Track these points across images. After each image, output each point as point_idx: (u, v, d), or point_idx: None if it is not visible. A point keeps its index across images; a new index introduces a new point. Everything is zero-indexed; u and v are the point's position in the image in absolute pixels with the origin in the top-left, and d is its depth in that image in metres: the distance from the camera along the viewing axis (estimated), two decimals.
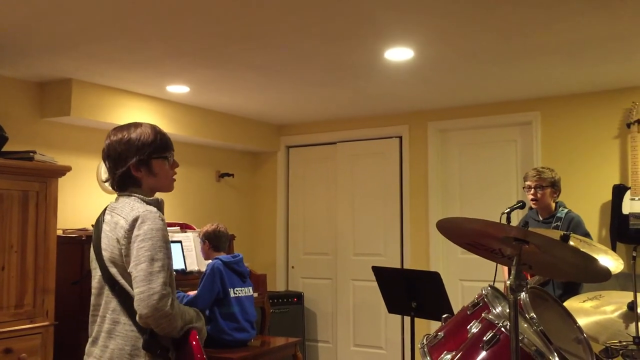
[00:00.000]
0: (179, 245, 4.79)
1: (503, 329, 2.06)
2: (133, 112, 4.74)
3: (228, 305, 4.09)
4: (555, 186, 3.77)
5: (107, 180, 2.14)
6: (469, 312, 2.28)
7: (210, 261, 4.21)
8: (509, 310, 1.92)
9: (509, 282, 1.91)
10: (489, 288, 2.34)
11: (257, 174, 6.55)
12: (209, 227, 4.36)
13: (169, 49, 3.68)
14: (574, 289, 3.51)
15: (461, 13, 3.12)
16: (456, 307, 2.87)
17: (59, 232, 4.07)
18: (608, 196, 4.66)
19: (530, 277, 3.41)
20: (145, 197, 2.07)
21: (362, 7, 3.03)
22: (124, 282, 1.96)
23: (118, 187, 2.09)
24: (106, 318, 1.99)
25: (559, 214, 3.72)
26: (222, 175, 6.07)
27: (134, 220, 1.95)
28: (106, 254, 1.99)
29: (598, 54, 3.83)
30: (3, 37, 3.45)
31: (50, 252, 3.84)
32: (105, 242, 2.00)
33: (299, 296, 5.89)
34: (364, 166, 5.93)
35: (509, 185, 5.25)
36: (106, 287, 2.00)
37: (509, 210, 3.44)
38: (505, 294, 2.28)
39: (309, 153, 6.33)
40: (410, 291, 3.41)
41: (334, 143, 6.13)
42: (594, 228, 4.66)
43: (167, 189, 2.17)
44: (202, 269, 4.56)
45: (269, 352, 4.34)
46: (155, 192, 2.14)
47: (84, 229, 4.27)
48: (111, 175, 2.09)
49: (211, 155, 5.99)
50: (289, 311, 5.75)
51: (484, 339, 2.08)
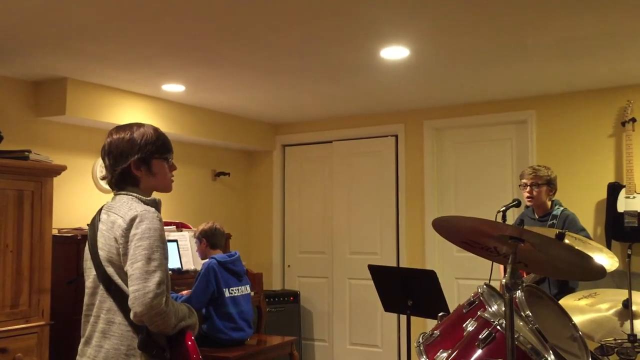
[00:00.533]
0: (175, 244, 4.79)
1: (499, 327, 2.07)
2: (129, 111, 4.73)
3: (224, 304, 4.09)
4: (551, 184, 3.78)
5: (104, 178, 2.13)
6: (464, 311, 2.28)
7: (206, 260, 4.21)
8: (504, 309, 1.92)
9: (504, 280, 1.91)
10: (484, 286, 2.34)
11: (253, 173, 6.54)
12: (204, 225, 4.36)
13: (165, 48, 3.67)
14: (569, 287, 3.52)
15: (456, 12, 3.13)
16: (452, 306, 2.87)
17: (55, 232, 4.06)
18: (603, 194, 4.67)
19: (526, 275, 3.42)
20: (142, 196, 2.06)
21: (358, 6, 3.03)
22: (120, 281, 1.96)
23: (116, 185, 2.09)
24: (100, 318, 1.99)
25: (554, 212, 3.73)
26: (218, 174, 6.06)
27: (132, 220, 1.94)
28: (103, 254, 1.99)
29: (593, 52, 3.84)
30: None
31: (46, 252, 3.83)
32: (101, 242, 2.00)
33: (295, 295, 5.90)
34: (360, 165, 5.94)
35: (505, 183, 5.26)
36: (101, 286, 1.99)
37: (504, 208, 3.44)
38: (501, 292, 2.28)
39: (304, 152, 6.33)
40: (406, 290, 3.41)
41: (330, 142, 6.13)
42: (589, 226, 4.67)
43: (165, 189, 2.18)
44: (199, 268, 4.56)
45: (265, 350, 4.35)
46: (152, 192, 2.14)
47: (79, 229, 4.26)
48: (110, 172, 2.08)
49: (207, 155, 5.98)
50: (285, 310, 5.75)
51: (480, 337, 2.08)
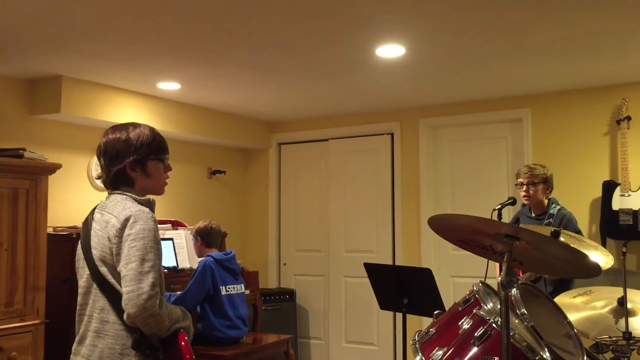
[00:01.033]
0: (170, 242, 4.78)
1: (494, 324, 2.07)
2: (124, 109, 4.72)
3: (219, 302, 4.09)
4: (547, 182, 3.79)
5: (99, 177, 2.13)
6: (460, 309, 2.29)
7: (202, 258, 4.20)
8: (500, 306, 1.92)
9: (500, 278, 1.92)
10: (480, 284, 2.35)
11: (249, 171, 6.54)
12: (201, 223, 4.35)
13: (160, 45, 3.66)
14: (565, 285, 3.53)
15: (452, 10, 3.13)
16: (448, 304, 2.88)
17: (49, 230, 4.05)
18: (598, 192, 4.68)
19: (521, 274, 3.42)
20: (137, 196, 2.06)
21: (354, 4, 3.03)
22: (113, 281, 1.95)
23: (111, 184, 2.08)
24: (93, 317, 1.98)
25: (551, 211, 3.73)
26: (214, 173, 6.05)
27: (126, 220, 1.94)
28: (96, 253, 1.98)
29: (588, 51, 3.84)
30: None
31: (41, 250, 3.82)
32: (95, 241, 1.99)
33: (291, 293, 5.90)
34: (356, 163, 5.94)
35: (500, 181, 5.26)
36: (94, 285, 1.99)
37: (499, 206, 3.44)
38: (497, 290, 2.29)
39: (300, 150, 6.33)
40: (402, 288, 3.41)
41: (326, 140, 6.12)
42: (584, 224, 4.68)
43: (158, 191, 2.17)
44: (194, 266, 4.55)
45: (261, 349, 4.34)
46: (146, 194, 2.13)
47: (74, 227, 4.25)
48: (106, 172, 2.08)
49: (203, 153, 5.97)
50: (281, 308, 5.75)
51: (476, 334, 2.09)
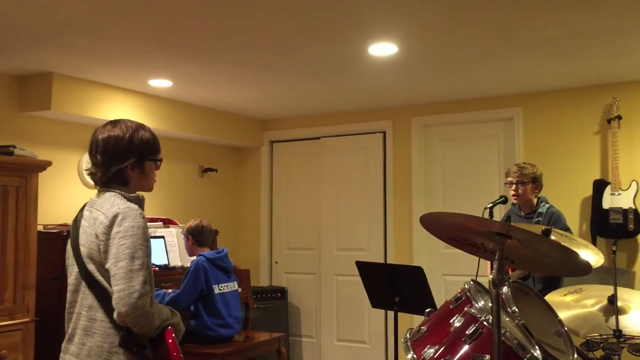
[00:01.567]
0: (161, 240, 4.76)
1: (485, 322, 2.08)
2: (115, 106, 4.70)
3: (212, 301, 4.08)
4: (536, 182, 3.80)
5: (92, 174, 2.08)
6: (451, 307, 2.30)
7: (194, 258, 4.19)
8: (491, 304, 1.93)
9: (491, 276, 1.92)
10: (471, 282, 2.36)
11: (241, 169, 6.53)
12: (192, 222, 4.34)
13: (152, 43, 3.65)
14: (554, 283, 3.54)
15: (444, 9, 3.13)
16: (439, 302, 2.88)
17: (40, 228, 4.02)
18: (589, 191, 4.71)
19: (511, 272, 3.44)
20: (126, 193, 2.04)
21: (346, 2, 3.02)
22: (101, 278, 1.94)
23: (105, 183, 2.05)
24: (82, 315, 1.97)
25: (540, 209, 3.75)
26: (206, 171, 6.04)
27: (114, 217, 1.93)
28: (84, 250, 1.97)
29: (579, 50, 3.86)
30: None
31: (31, 248, 3.79)
32: (83, 238, 1.98)
33: (283, 291, 5.89)
34: (348, 161, 5.94)
35: (492, 180, 5.28)
36: (83, 283, 1.98)
37: (491, 205, 3.45)
38: (488, 288, 2.29)
39: (292, 148, 6.32)
40: (393, 286, 3.42)
41: (318, 138, 6.12)
42: (574, 223, 4.71)
43: (149, 189, 2.17)
44: (186, 264, 4.54)
45: (252, 347, 4.34)
46: (138, 191, 2.12)
47: (64, 224, 4.23)
48: (102, 170, 2.04)
49: (194, 150, 5.95)
50: (272, 306, 5.75)
51: (467, 332, 2.10)
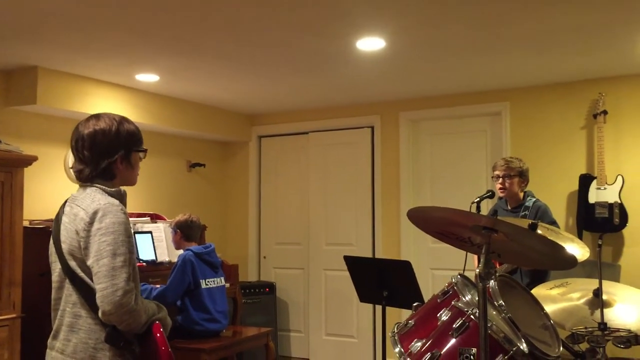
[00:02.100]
0: (149, 235, 4.74)
1: (472, 316, 2.09)
2: (101, 100, 4.66)
3: (199, 296, 4.07)
4: (523, 176, 3.82)
5: (79, 170, 2.03)
6: (439, 300, 2.31)
7: (182, 252, 4.18)
8: (478, 298, 1.94)
9: (478, 270, 1.93)
10: (458, 276, 2.37)
11: (229, 164, 6.51)
12: (181, 217, 4.32)
13: (139, 37, 3.62)
14: (541, 277, 3.57)
15: (432, 4, 3.13)
16: (427, 296, 2.89)
17: (25, 223, 4.00)
18: (575, 185, 4.75)
19: (498, 266, 3.46)
20: (108, 188, 2.00)
21: None
22: (83, 275, 1.93)
23: (92, 178, 2.01)
24: (66, 312, 1.96)
25: (527, 203, 3.77)
26: (193, 165, 6.02)
27: (95, 213, 1.90)
28: (65, 247, 1.95)
29: (565, 45, 3.88)
30: None
31: (17, 244, 3.77)
32: (64, 234, 1.96)
33: (271, 286, 5.89)
34: (336, 156, 5.94)
35: (479, 174, 5.30)
36: (67, 280, 1.96)
37: (478, 199, 3.46)
38: (475, 282, 2.31)
39: (281, 143, 6.31)
40: (381, 280, 3.42)
41: (306, 133, 6.12)
42: (561, 217, 4.74)
43: (134, 182, 2.14)
44: (173, 259, 4.52)
45: (240, 342, 4.34)
46: (123, 185, 2.09)
47: (50, 220, 4.18)
48: (92, 166, 2.00)
49: (182, 145, 5.92)
50: (261, 301, 5.74)
51: (454, 326, 2.11)
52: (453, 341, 2.09)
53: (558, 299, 2.98)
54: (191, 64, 4.27)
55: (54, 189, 4.60)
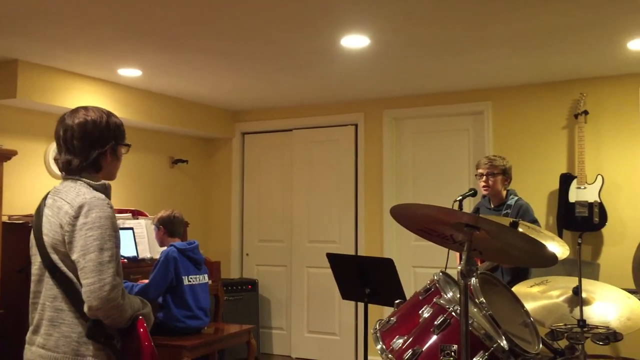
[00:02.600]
0: (130, 232, 4.70)
1: (454, 313, 2.11)
2: (83, 95, 4.61)
3: (181, 293, 4.05)
4: (506, 174, 3.85)
5: (67, 161, 1.98)
6: (421, 297, 2.32)
7: (165, 248, 4.15)
8: (459, 295, 1.95)
9: (460, 267, 1.94)
10: (440, 274, 2.38)
11: (212, 161, 6.48)
12: (163, 212, 4.29)
13: (120, 31, 3.59)
14: (522, 275, 3.60)
15: (417, 2, 3.14)
16: (409, 294, 2.91)
17: (4, 218, 3.95)
18: (555, 185, 4.79)
19: (480, 264, 3.48)
20: (93, 182, 1.98)
21: None
22: (65, 269, 1.91)
23: (80, 171, 1.98)
24: (46, 306, 1.94)
25: (509, 202, 3.80)
26: (176, 162, 5.98)
27: (80, 207, 1.88)
28: (47, 240, 1.93)
29: (548, 45, 3.91)
30: None
31: None
32: (47, 227, 1.94)
33: (253, 283, 5.88)
34: (320, 153, 5.94)
35: (462, 173, 5.34)
36: (46, 274, 1.94)
37: (460, 197, 3.48)
38: (457, 279, 2.32)
39: (264, 140, 6.30)
40: (364, 278, 3.43)
41: (290, 130, 6.10)
42: (541, 215, 4.78)
43: (114, 176, 2.12)
44: (155, 256, 4.49)
45: (222, 339, 4.33)
46: (105, 179, 2.06)
47: (30, 215, 4.14)
48: (82, 156, 1.97)
49: (164, 141, 5.88)
50: (243, 298, 5.73)
51: (435, 323, 2.12)
52: (434, 338, 2.10)
53: (538, 296, 3.01)
54: (174, 59, 4.23)
55: (33, 184, 4.55)
